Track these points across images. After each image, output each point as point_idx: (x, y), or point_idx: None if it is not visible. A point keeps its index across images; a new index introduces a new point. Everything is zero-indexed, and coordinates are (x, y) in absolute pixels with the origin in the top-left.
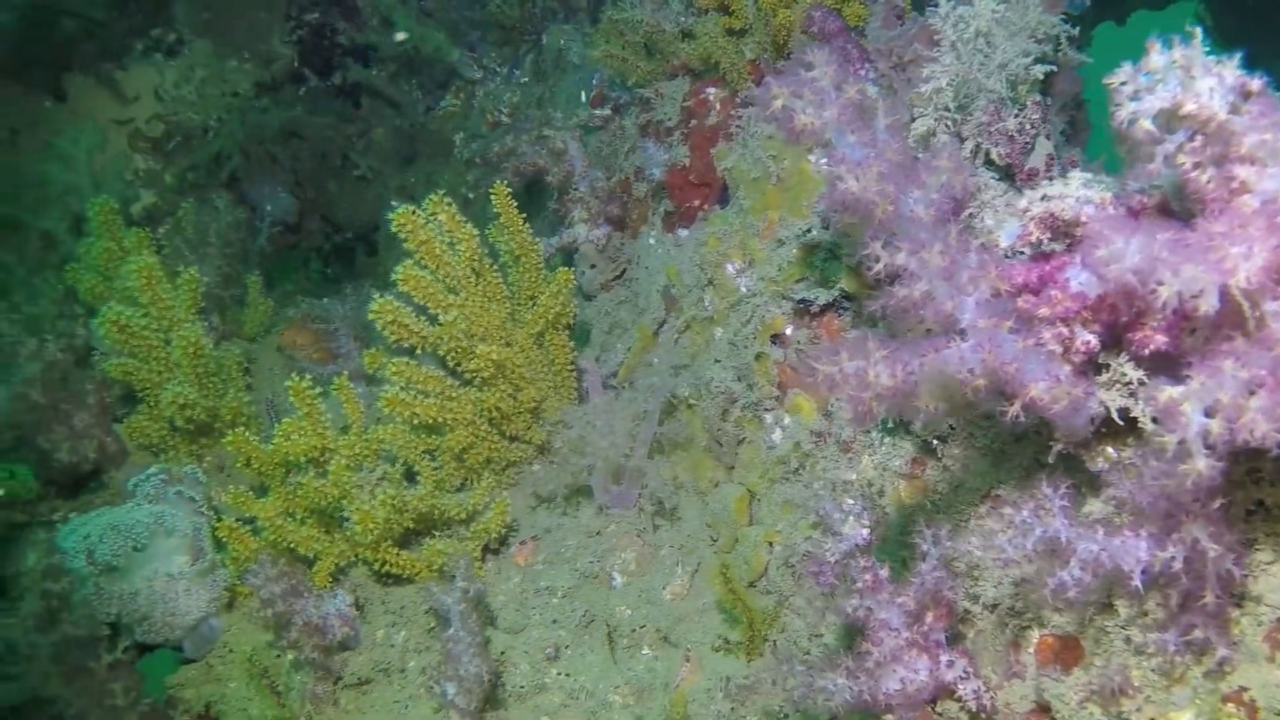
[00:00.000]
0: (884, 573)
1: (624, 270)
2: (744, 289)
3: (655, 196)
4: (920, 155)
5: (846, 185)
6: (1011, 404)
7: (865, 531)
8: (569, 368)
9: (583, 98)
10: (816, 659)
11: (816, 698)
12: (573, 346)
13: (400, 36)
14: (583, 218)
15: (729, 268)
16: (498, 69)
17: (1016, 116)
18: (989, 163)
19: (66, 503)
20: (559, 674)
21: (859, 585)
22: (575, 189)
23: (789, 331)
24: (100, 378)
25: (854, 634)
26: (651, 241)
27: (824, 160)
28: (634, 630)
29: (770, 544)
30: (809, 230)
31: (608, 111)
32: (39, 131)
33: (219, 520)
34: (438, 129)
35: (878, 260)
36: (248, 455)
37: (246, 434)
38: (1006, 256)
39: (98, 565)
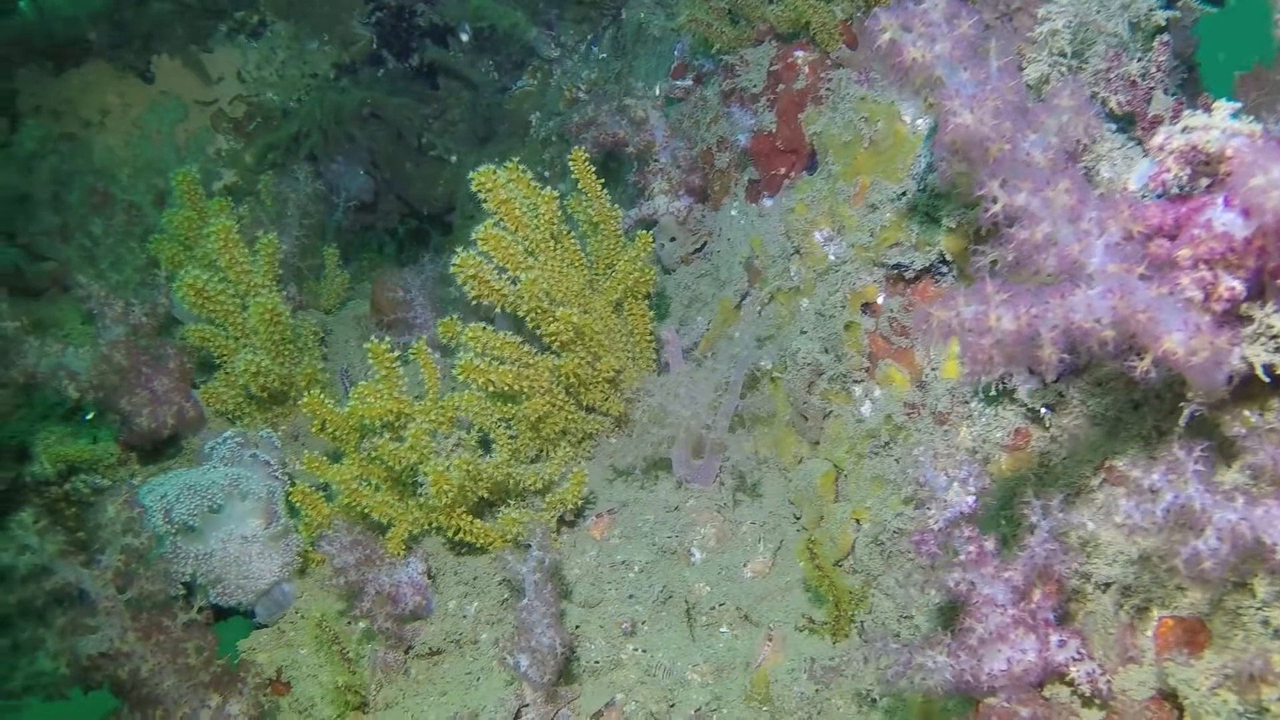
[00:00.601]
0: (990, 545)
1: (704, 243)
2: (833, 257)
3: (739, 166)
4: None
5: (960, 119)
6: (1142, 357)
7: (971, 499)
8: (648, 337)
9: (663, 70)
10: (912, 638)
11: (914, 676)
12: (652, 316)
13: (465, 38)
14: (663, 189)
15: (817, 235)
16: (576, 46)
17: (1140, 60)
18: (1107, 114)
19: (146, 467)
20: (635, 650)
21: (962, 557)
22: (656, 160)
23: (880, 300)
24: (181, 345)
25: (952, 612)
26: (734, 213)
27: (938, 96)
28: (713, 608)
29: (858, 521)
30: (903, 193)
31: (689, 82)
32: (129, 112)
33: (293, 485)
34: (514, 108)
35: (995, 201)
36: (323, 418)
37: (322, 396)
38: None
39: (174, 524)
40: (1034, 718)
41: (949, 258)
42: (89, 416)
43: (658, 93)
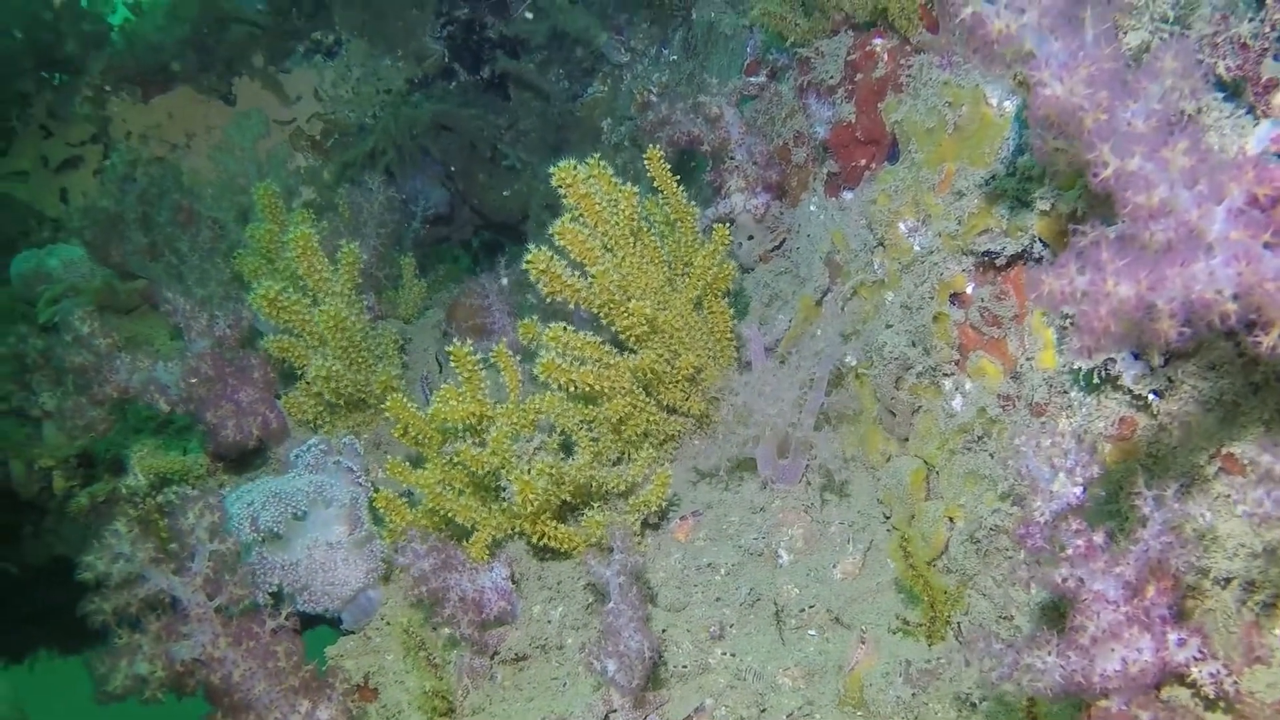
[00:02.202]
0: (1099, 538)
1: (783, 240)
2: (918, 247)
3: (817, 160)
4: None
5: (1049, 90)
6: (1268, 331)
7: (1079, 490)
8: (728, 335)
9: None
10: (1018, 638)
11: (1022, 677)
12: (732, 313)
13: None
14: (739, 187)
15: (901, 226)
16: (646, 50)
17: (1251, 21)
18: (1215, 81)
19: (234, 477)
20: (724, 654)
21: (1070, 552)
22: (731, 157)
23: (970, 290)
24: (264, 355)
25: (1055, 612)
26: (813, 208)
27: (1027, 69)
28: (803, 610)
29: (951, 520)
30: (991, 178)
31: (763, 78)
32: (212, 135)
33: (376, 491)
34: (586, 116)
35: (1106, 166)
36: (405, 422)
37: (405, 400)
38: None
39: (260, 532)
40: None
41: (1044, 241)
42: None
43: (731, 88)
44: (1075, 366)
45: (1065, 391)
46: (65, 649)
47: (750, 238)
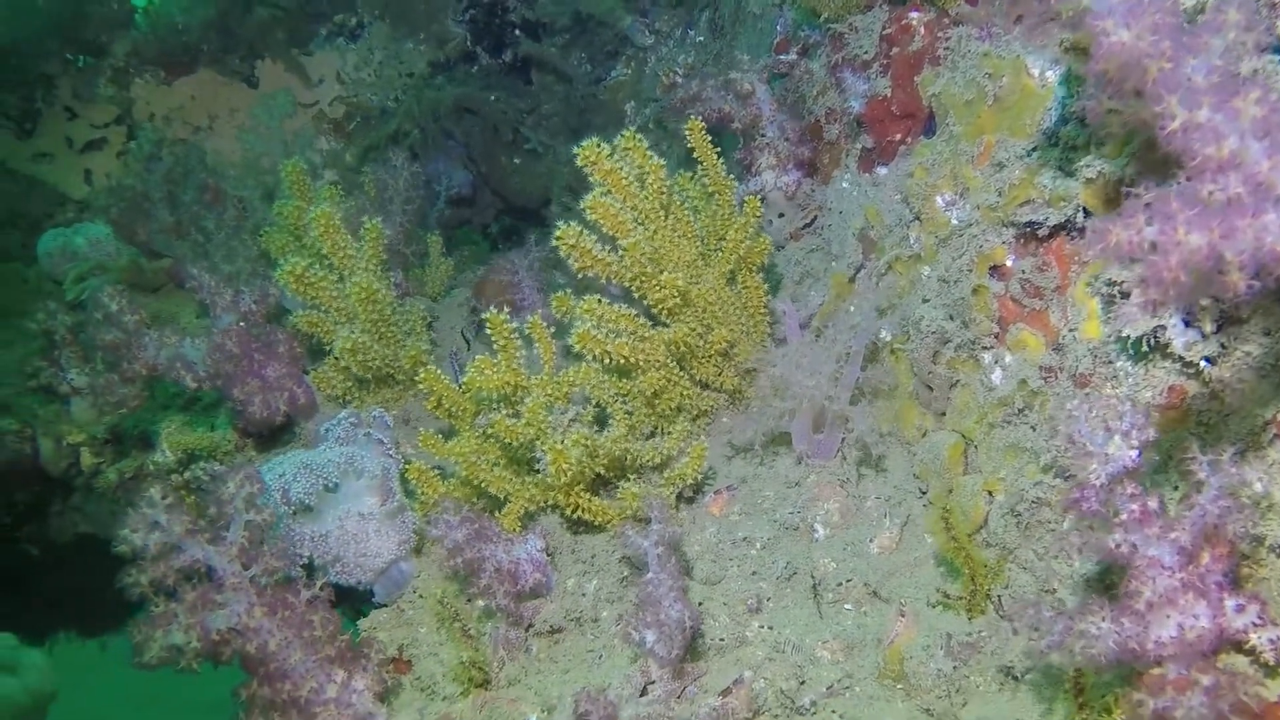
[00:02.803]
0: (1153, 503)
1: (814, 218)
2: (956, 220)
3: (850, 137)
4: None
5: (1115, 37)
6: None
7: (1134, 453)
8: (762, 311)
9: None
10: (1068, 606)
11: (1074, 644)
12: (766, 288)
13: None
14: (770, 164)
15: (939, 199)
16: (671, 32)
17: None
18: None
19: (262, 454)
20: (761, 627)
21: (1124, 517)
22: (762, 134)
23: (1010, 262)
24: (291, 331)
25: (1101, 583)
26: (845, 184)
27: (1088, 20)
28: (840, 584)
29: (990, 493)
30: (1033, 149)
31: (793, 56)
32: (235, 117)
33: (408, 464)
34: (609, 99)
35: (1174, 117)
36: (439, 394)
37: (439, 371)
38: None
39: (292, 504)
40: (1215, 687)
41: (1088, 211)
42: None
43: (762, 66)
44: (1123, 335)
45: (1110, 361)
46: (85, 631)
47: (781, 215)
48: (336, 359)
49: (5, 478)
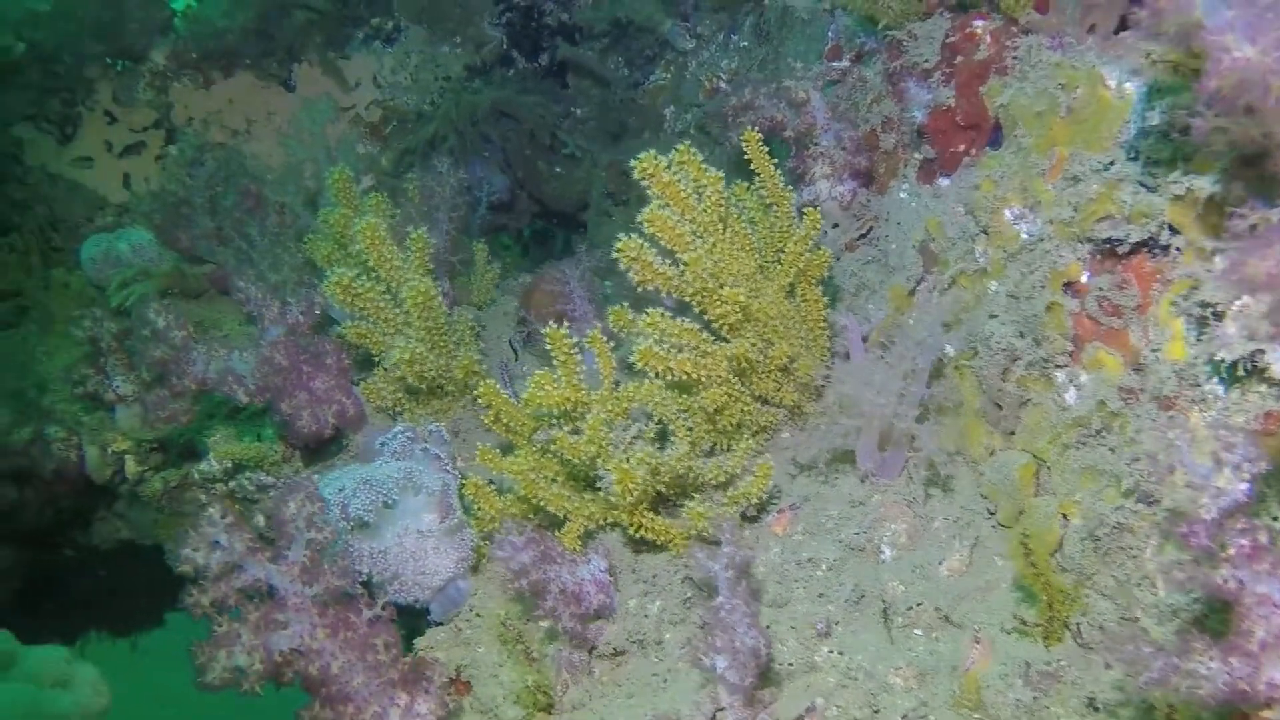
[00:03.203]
0: (1264, 537)
1: (870, 228)
2: (1026, 235)
3: (908, 146)
4: None
5: (1239, 54)
6: None
7: (1246, 486)
8: (822, 324)
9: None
10: (1169, 641)
11: (1180, 682)
12: (826, 302)
13: None
14: (824, 173)
15: (1007, 213)
16: (714, 36)
17: None
18: None
19: (310, 466)
20: (831, 652)
21: (1233, 551)
22: (816, 143)
23: (1085, 279)
24: (339, 341)
25: (1187, 615)
26: (903, 195)
27: (1207, 27)
28: (909, 608)
29: (1065, 516)
30: (1110, 163)
31: (846, 63)
32: (273, 121)
33: (465, 478)
34: (648, 103)
35: None
36: (498, 409)
37: (497, 386)
38: None
39: (351, 520)
40: None
41: (1174, 228)
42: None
43: (816, 74)
44: (1218, 358)
45: (1198, 384)
46: (116, 631)
47: (836, 225)
48: (386, 370)
49: (51, 485)
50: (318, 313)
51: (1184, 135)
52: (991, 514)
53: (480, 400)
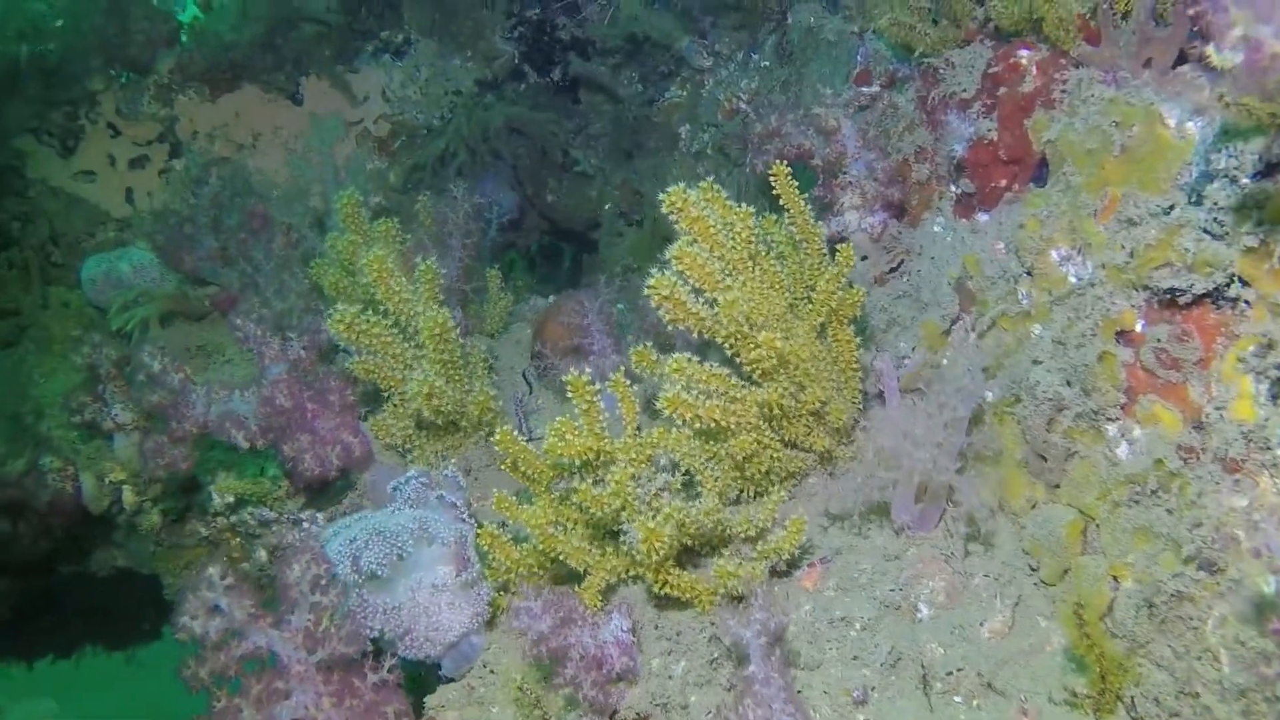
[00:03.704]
0: None
1: (901, 262)
2: (1075, 279)
3: (944, 178)
4: None
5: None
6: None
7: None
8: (854, 366)
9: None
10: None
11: None
12: (858, 343)
13: None
14: (854, 204)
15: (1054, 254)
16: (733, 54)
17: None
18: None
19: (314, 501)
20: None
21: None
22: (845, 172)
23: (1140, 328)
24: (345, 376)
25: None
26: (938, 229)
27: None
28: (950, 673)
29: (1116, 579)
30: (1170, 206)
31: (876, 88)
32: (279, 135)
33: (480, 527)
34: (662, 121)
35: None
36: (515, 456)
37: (515, 433)
38: None
39: (362, 574)
40: None
41: (1245, 281)
42: None
43: (846, 100)
44: None
45: (1269, 448)
46: (113, 645)
47: (865, 258)
48: (397, 405)
49: (45, 517)
50: (323, 342)
51: (1259, 181)
52: (1034, 571)
53: (498, 447)
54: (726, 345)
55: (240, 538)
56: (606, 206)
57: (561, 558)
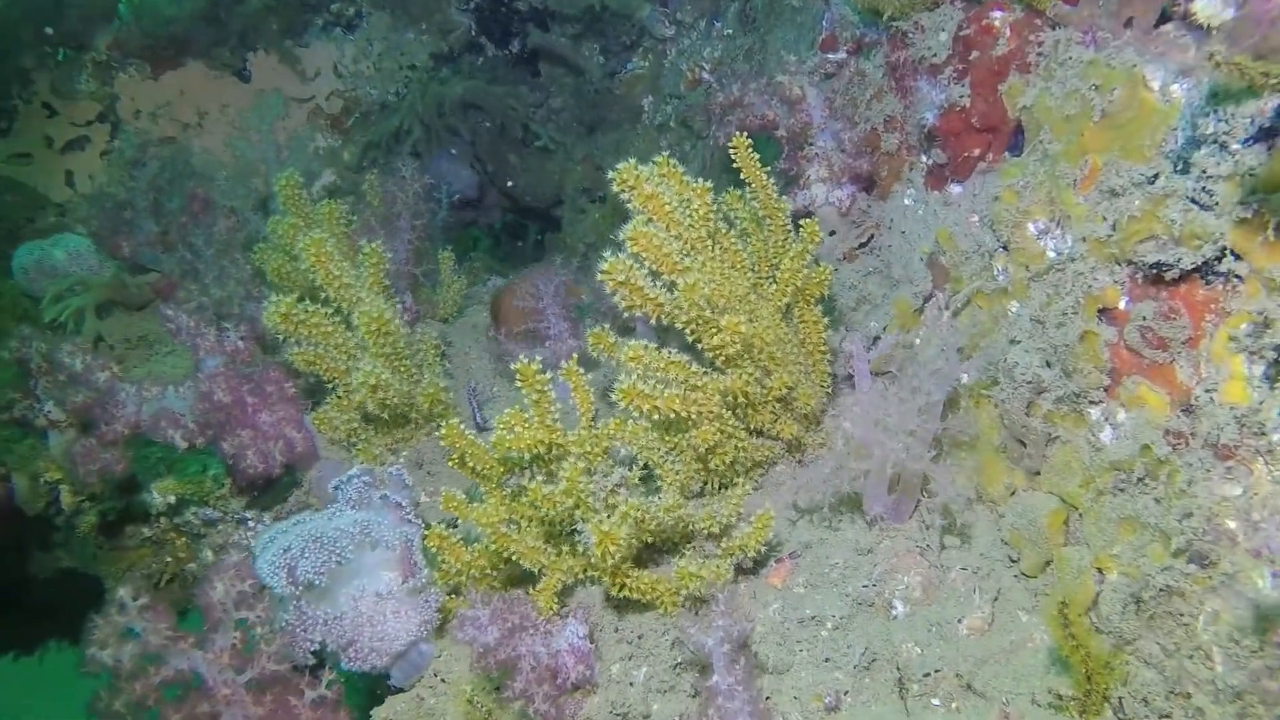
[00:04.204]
0: None
1: (871, 236)
2: (1054, 253)
3: (914, 148)
4: None
5: None
6: None
7: None
8: (821, 348)
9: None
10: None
11: None
12: (826, 323)
13: None
14: (821, 176)
15: (1031, 227)
16: (695, 23)
17: None
18: None
19: (259, 503)
20: None
21: None
22: (812, 143)
23: (1124, 305)
24: (286, 367)
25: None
26: (909, 201)
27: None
28: (927, 675)
29: (1100, 571)
30: (1155, 175)
31: (842, 55)
32: (226, 113)
33: (428, 528)
34: (625, 93)
35: None
36: (463, 451)
37: (462, 427)
38: None
39: (299, 584)
40: None
41: (1238, 254)
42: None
43: (811, 68)
44: None
45: (1263, 433)
46: (75, 639)
47: (833, 233)
48: (341, 398)
49: None
50: (262, 330)
51: (1251, 147)
52: (1014, 563)
53: (444, 442)
54: (687, 331)
55: (185, 538)
56: (569, 182)
57: (514, 558)
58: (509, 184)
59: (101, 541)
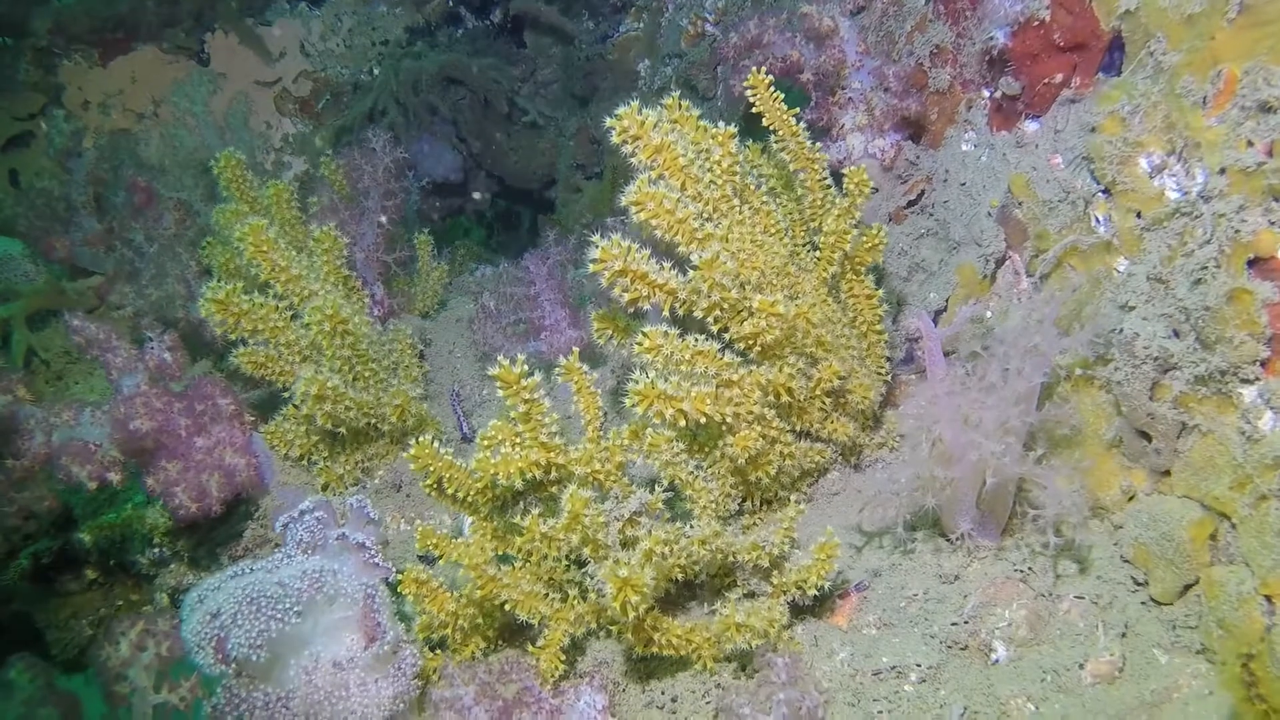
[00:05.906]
0: None
1: (921, 193)
2: (1177, 193)
3: (979, 80)
4: None
5: None
6: None
7: None
8: (876, 328)
9: None
10: None
11: None
12: (881, 296)
13: None
14: (859, 124)
15: (1143, 163)
16: None
17: None
18: None
19: (210, 535)
20: None
21: None
22: (845, 86)
23: None
24: (222, 382)
25: None
26: (968, 147)
27: None
28: None
29: (1269, 599)
30: None
31: None
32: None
33: (400, 572)
34: (618, 59)
35: None
36: (438, 474)
37: (433, 445)
38: None
39: (230, 660)
40: None
41: None
42: None
43: None
44: None
45: None
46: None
47: (875, 190)
48: (295, 408)
49: None
50: (208, 337)
51: None
52: (1139, 586)
53: (414, 465)
54: (710, 319)
55: (134, 579)
56: (561, 160)
57: (508, 607)
58: (496, 156)
59: (37, 587)
